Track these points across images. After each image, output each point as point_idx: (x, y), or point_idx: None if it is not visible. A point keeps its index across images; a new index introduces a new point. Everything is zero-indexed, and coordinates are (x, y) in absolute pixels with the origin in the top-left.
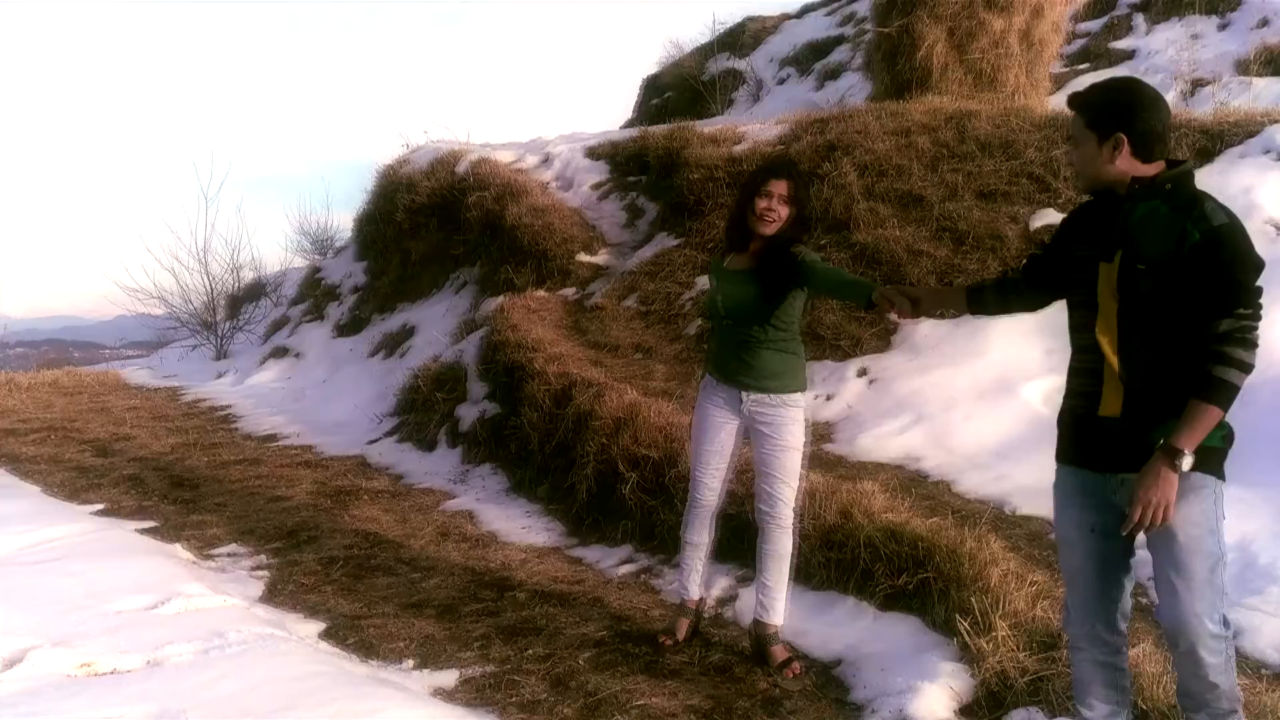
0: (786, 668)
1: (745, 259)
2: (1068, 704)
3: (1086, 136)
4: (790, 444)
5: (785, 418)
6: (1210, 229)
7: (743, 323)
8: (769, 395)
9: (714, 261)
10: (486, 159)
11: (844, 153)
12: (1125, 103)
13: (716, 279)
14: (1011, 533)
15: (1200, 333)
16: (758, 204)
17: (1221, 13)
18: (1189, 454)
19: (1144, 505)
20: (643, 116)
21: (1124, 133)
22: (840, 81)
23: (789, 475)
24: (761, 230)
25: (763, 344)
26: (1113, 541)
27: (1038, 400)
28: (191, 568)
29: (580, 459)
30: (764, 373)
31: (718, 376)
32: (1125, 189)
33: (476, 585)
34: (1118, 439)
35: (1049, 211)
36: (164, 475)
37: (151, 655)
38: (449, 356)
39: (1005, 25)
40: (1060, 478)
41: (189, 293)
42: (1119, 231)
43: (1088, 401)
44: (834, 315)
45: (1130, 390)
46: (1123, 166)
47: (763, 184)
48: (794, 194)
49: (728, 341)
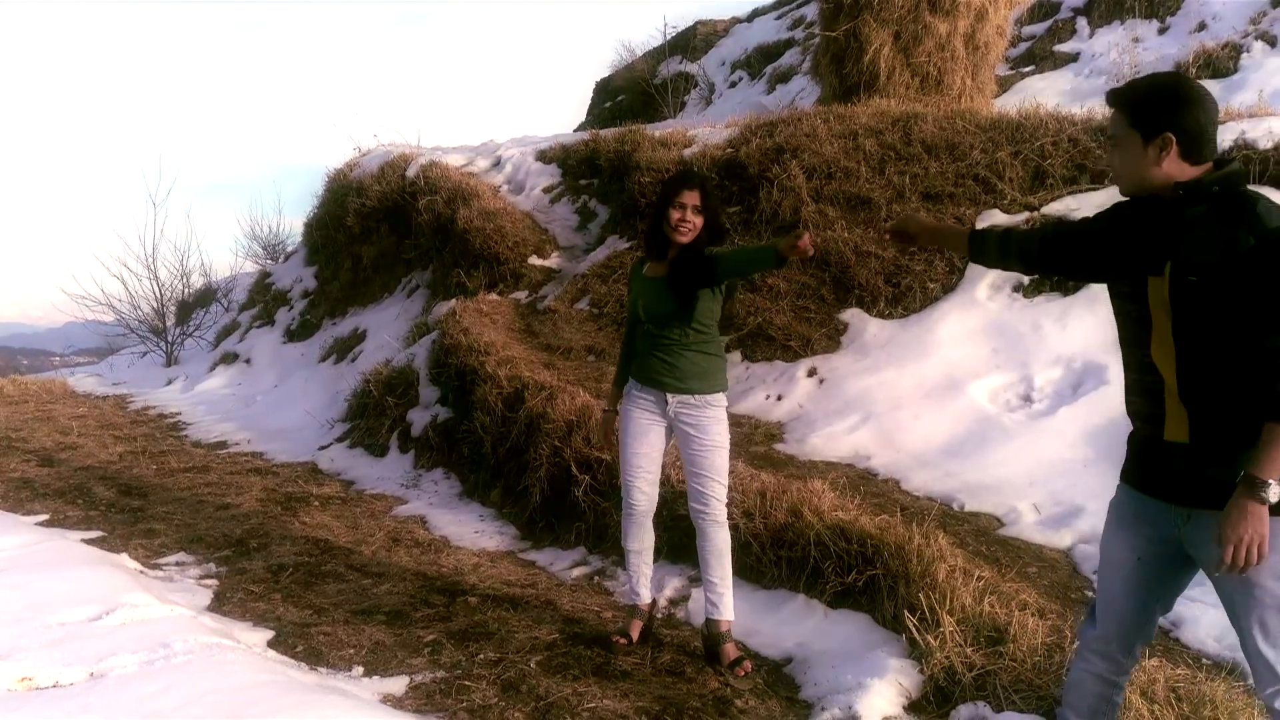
0: (737, 666)
1: (663, 267)
2: (1014, 698)
3: (1129, 136)
4: (718, 442)
5: (710, 417)
6: (1267, 232)
7: (663, 326)
8: (693, 396)
9: (634, 269)
10: (437, 162)
11: (792, 155)
12: (1173, 99)
13: (637, 286)
14: (958, 529)
15: (1264, 347)
16: (671, 215)
17: (1161, 17)
18: (1275, 483)
19: (1235, 544)
20: (595, 119)
21: (1172, 132)
22: (791, 84)
23: (719, 473)
24: (678, 239)
25: (684, 346)
26: (1158, 573)
27: (984, 398)
28: (137, 577)
29: (533, 462)
30: (687, 374)
31: (641, 380)
32: (1170, 194)
33: (428, 591)
34: (1187, 469)
35: (994, 212)
36: (110, 484)
37: (94, 667)
38: (400, 361)
39: (950, 29)
40: (1120, 496)
41: (137, 299)
42: (1167, 242)
43: (1152, 426)
44: (784, 316)
45: (1195, 413)
46: (1169, 169)
47: (675, 195)
48: (704, 203)
49: (649, 346)
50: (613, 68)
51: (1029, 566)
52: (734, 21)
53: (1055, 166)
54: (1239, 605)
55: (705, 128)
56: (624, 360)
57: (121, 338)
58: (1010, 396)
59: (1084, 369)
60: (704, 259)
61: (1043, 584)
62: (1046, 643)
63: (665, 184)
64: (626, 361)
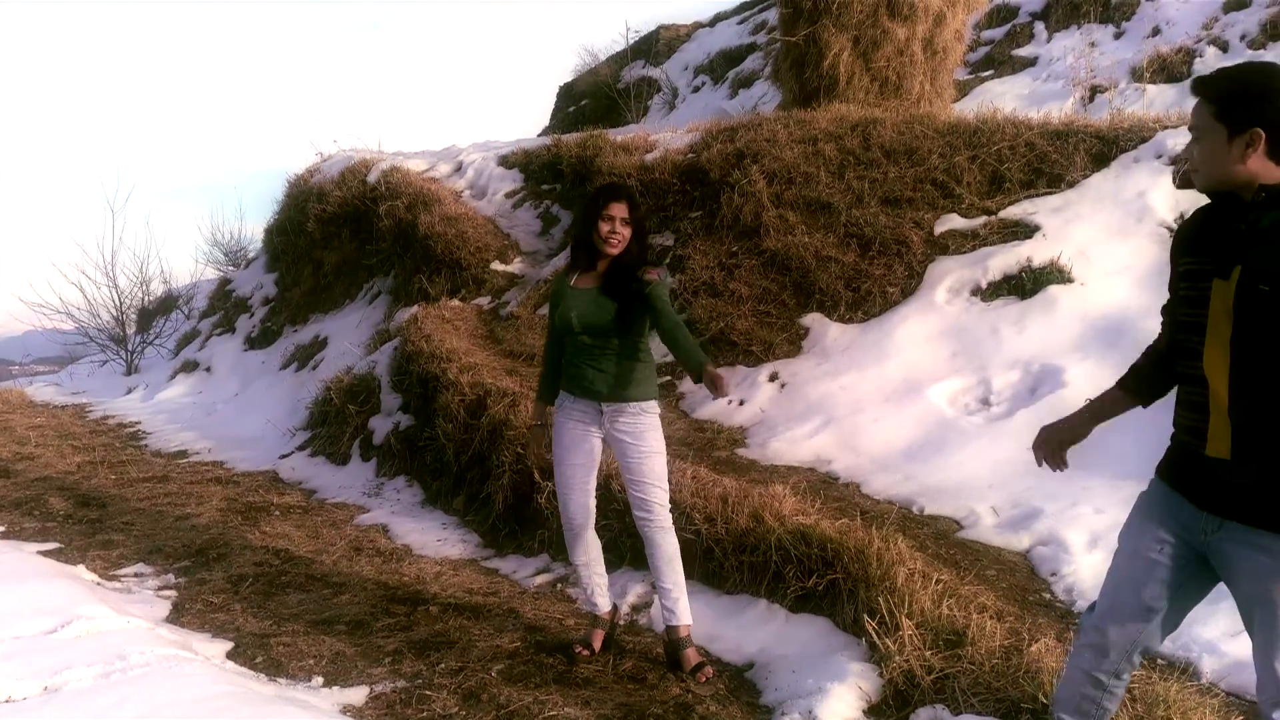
0: (698, 672)
1: (593, 278)
2: (973, 701)
3: (1214, 129)
4: (655, 448)
5: (646, 424)
6: None
7: (598, 336)
8: (628, 404)
9: (560, 281)
10: (398, 167)
11: (753, 160)
12: (1265, 91)
13: (566, 297)
14: (918, 532)
15: None
16: (601, 227)
17: (1117, 22)
18: None
19: None
20: (559, 124)
21: (1261, 127)
22: (754, 89)
23: (659, 479)
24: (607, 251)
25: (618, 354)
26: (1175, 574)
27: (943, 401)
28: (95, 589)
29: (496, 469)
30: (621, 382)
31: (574, 391)
32: (1253, 195)
33: (389, 600)
34: (1225, 482)
35: (953, 217)
36: (68, 495)
37: (49, 681)
38: (362, 368)
39: (909, 34)
40: (1152, 489)
41: (96, 307)
42: (1240, 244)
43: (1194, 439)
44: (746, 321)
45: (1240, 429)
46: (1254, 167)
47: (603, 208)
48: (632, 214)
49: (581, 357)
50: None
51: (988, 569)
52: (696, 26)
53: (1012, 170)
54: (1259, 618)
55: (667, 133)
56: (550, 374)
57: (81, 346)
58: (969, 400)
59: (1041, 371)
60: (643, 295)
61: (1001, 586)
62: (1005, 645)
63: (592, 197)
64: (553, 374)
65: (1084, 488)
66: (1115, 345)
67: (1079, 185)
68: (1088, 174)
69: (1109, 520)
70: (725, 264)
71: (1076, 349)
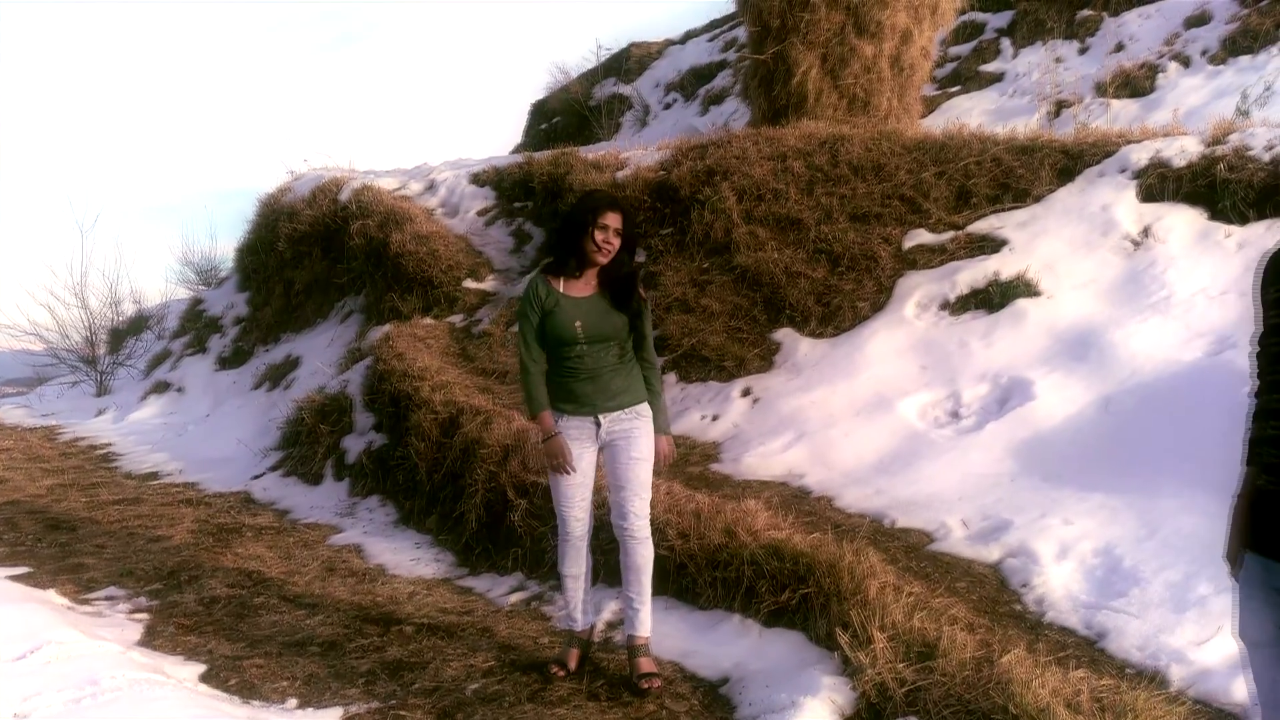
0: (645, 679)
1: (585, 286)
2: (945, 713)
3: None
4: (644, 454)
5: (640, 429)
6: None
7: (601, 344)
8: (624, 411)
9: (543, 292)
10: (369, 186)
11: (723, 177)
12: None
13: (563, 306)
14: (890, 545)
15: None
16: (596, 236)
17: (1081, 38)
18: None
19: None
20: (531, 141)
21: None
22: (725, 106)
23: (643, 487)
24: (598, 260)
25: (616, 362)
26: None
27: (914, 415)
28: (65, 613)
29: (469, 488)
30: (618, 390)
31: (570, 409)
32: None
33: (362, 620)
34: None
35: (920, 232)
36: (38, 518)
37: (18, 708)
38: (334, 387)
39: (876, 51)
40: (1249, 567)
41: (66, 328)
42: None
43: None
44: (718, 337)
45: None
46: None
47: (599, 217)
48: (626, 227)
49: (579, 369)
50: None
51: (958, 581)
52: (667, 43)
53: (979, 185)
54: None
55: (638, 150)
56: (542, 382)
57: (51, 367)
58: (939, 413)
59: (1010, 385)
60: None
61: (972, 598)
62: (976, 657)
63: (587, 206)
64: (545, 383)
65: (1052, 499)
66: (1082, 358)
67: (1045, 199)
68: (1053, 188)
69: (1077, 531)
70: (697, 280)
71: (1044, 361)
